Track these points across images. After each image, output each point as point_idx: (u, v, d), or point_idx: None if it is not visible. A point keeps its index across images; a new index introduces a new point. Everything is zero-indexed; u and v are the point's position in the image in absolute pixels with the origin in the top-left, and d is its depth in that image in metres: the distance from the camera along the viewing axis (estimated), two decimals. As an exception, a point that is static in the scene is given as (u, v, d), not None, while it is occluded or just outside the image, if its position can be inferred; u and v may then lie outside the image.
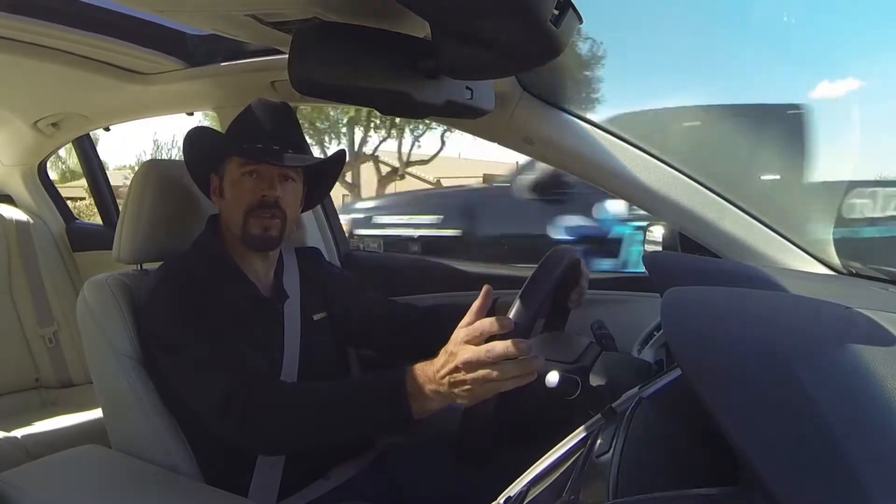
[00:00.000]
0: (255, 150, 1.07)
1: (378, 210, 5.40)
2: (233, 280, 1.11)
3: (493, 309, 1.16)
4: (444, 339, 1.22)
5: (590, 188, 1.34)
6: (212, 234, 1.15)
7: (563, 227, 4.04)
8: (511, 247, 4.29)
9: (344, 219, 2.74)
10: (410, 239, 4.89)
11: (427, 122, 7.54)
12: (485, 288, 0.84)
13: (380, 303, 1.29)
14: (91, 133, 2.19)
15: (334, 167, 1.24)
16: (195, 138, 1.13)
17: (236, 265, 1.13)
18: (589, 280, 1.09)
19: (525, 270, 1.19)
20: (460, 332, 0.81)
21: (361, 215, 5.32)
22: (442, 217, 4.86)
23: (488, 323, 0.79)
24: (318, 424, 0.91)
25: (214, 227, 1.16)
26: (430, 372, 0.83)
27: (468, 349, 0.79)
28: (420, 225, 4.91)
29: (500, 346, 0.77)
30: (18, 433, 1.68)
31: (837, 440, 0.36)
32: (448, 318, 1.23)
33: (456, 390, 0.80)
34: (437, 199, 5.65)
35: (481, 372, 0.77)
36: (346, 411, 0.90)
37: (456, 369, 0.79)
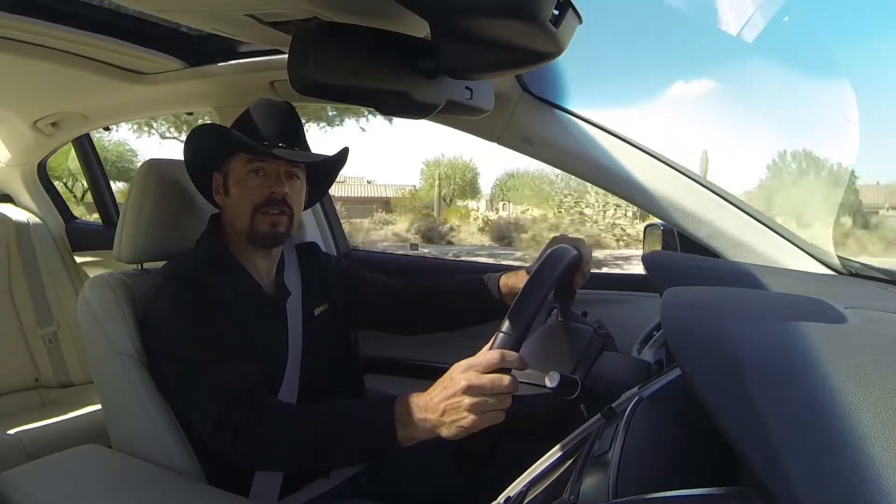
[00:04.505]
0: (262, 147, 1.07)
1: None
2: (237, 279, 1.11)
3: (499, 289, 1.17)
4: (444, 316, 1.24)
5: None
6: (214, 233, 1.15)
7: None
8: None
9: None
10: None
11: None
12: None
13: (378, 284, 1.30)
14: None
15: (337, 165, 1.24)
16: (200, 136, 1.13)
17: (240, 264, 1.13)
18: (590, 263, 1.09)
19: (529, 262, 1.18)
20: (463, 362, 0.81)
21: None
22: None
23: (498, 356, 0.79)
24: (307, 448, 0.91)
25: (217, 225, 1.16)
26: (423, 400, 0.83)
27: (474, 375, 0.79)
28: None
29: (507, 380, 0.78)
30: (18, 433, 1.68)
31: (836, 441, 0.36)
32: (447, 295, 1.24)
33: (447, 419, 0.80)
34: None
35: (480, 399, 0.78)
36: (335, 436, 0.90)
37: (455, 394, 0.79)
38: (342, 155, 1.20)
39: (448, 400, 0.80)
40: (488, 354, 0.79)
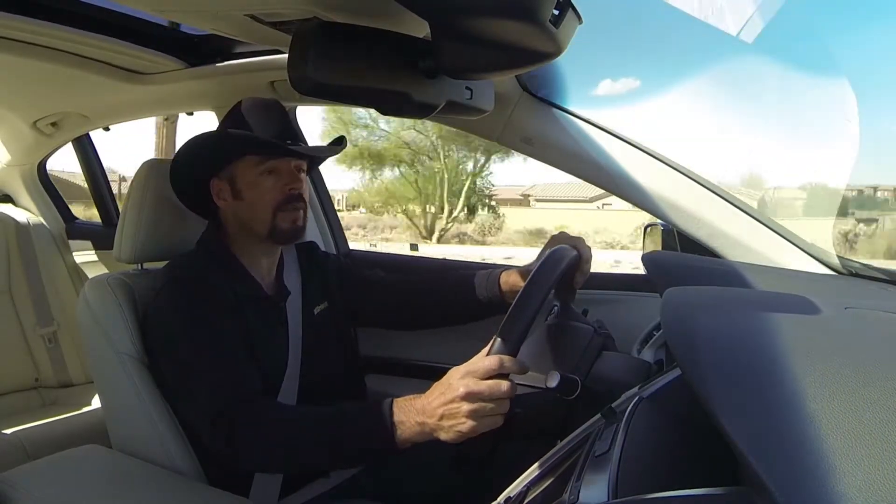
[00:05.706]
0: (279, 146, 1.07)
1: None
2: (238, 280, 1.11)
3: (500, 286, 1.16)
4: (443, 312, 1.25)
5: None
6: (215, 234, 1.15)
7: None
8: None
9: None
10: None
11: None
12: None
13: (377, 281, 1.30)
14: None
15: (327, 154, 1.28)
16: (198, 144, 1.11)
17: (241, 264, 1.13)
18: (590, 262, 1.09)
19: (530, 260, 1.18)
20: (461, 368, 0.81)
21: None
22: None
23: (497, 362, 0.79)
24: (304, 449, 0.92)
25: (218, 226, 1.16)
26: (420, 404, 0.83)
27: (472, 381, 0.78)
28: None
29: (506, 385, 0.78)
30: (18, 433, 1.68)
31: (836, 441, 0.36)
32: (446, 290, 1.24)
33: (445, 423, 0.80)
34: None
35: (479, 405, 0.78)
36: (332, 438, 0.90)
37: (454, 400, 0.79)
38: (341, 141, 1.23)
39: (446, 405, 0.79)
40: (486, 360, 0.79)
